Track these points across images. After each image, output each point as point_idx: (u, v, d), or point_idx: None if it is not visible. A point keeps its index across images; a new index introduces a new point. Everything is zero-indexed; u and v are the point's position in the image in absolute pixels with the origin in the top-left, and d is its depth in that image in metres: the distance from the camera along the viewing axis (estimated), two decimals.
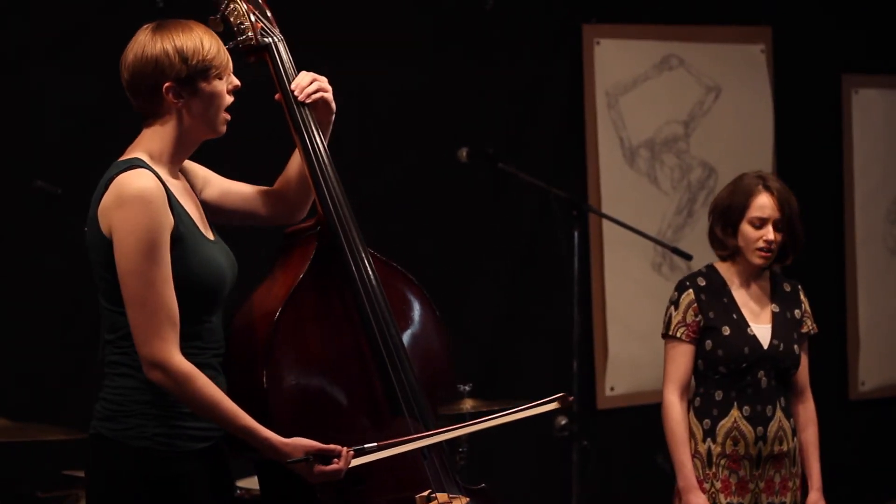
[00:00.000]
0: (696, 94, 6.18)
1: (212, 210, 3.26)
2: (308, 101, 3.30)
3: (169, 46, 3.03)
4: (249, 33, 3.25)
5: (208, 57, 3.06)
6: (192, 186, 3.23)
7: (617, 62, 6.01)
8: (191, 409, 3.00)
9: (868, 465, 6.55)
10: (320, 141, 3.31)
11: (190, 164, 3.26)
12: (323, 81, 3.33)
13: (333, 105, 3.35)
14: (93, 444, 3.07)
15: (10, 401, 4.67)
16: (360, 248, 3.28)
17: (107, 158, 3.14)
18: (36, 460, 4.77)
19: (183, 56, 3.04)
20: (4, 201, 4.89)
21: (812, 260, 6.39)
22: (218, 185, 3.30)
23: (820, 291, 6.40)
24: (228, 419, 3.00)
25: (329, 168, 3.30)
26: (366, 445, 3.08)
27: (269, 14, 3.32)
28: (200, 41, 3.06)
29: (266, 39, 3.29)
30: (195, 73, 3.05)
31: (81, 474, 4.31)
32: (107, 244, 2.98)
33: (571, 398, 3.32)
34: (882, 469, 6.56)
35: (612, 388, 5.96)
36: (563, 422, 5.09)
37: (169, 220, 2.99)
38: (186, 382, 2.95)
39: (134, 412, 3.02)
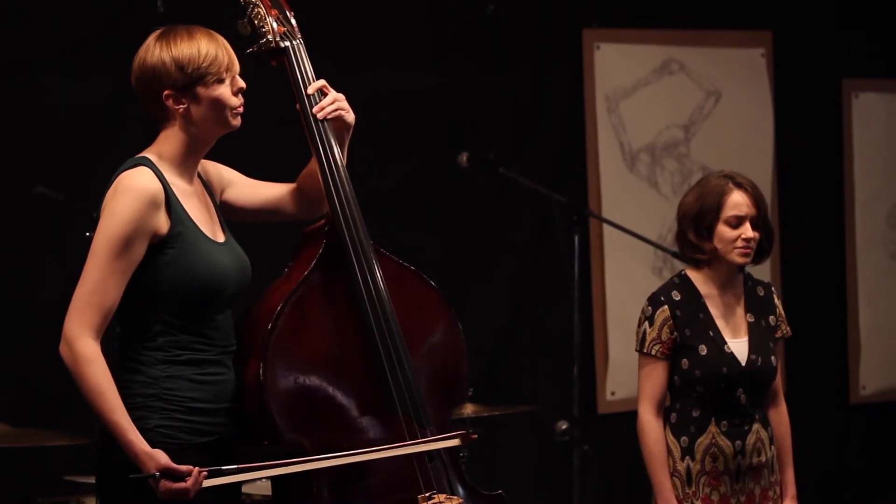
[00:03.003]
0: (696, 99, 6.18)
1: (235, 210, 3.37)
2: (328, 117, 3.37)
3: (166, 56, 3.13)
4: (269, 36, 3.36)
5: (204, 64, 3.13)
6: (212, 189, 3.31)
7: (617, 67, 6.01)
8: (81, 391, 3.05)
9: (869, 470, 6.55)
10: (333, 145, 3.37)
11: (213, 167, 3.35)
12: (341, 100, 3.40)
13: (351, 118, 3.41)
14: (101, 437, 3.13)
15: (11, 406, 4.67)
16: (366, 248, 3.34)
17: (109, 164, 3.20)
18: (37, 466, 4.77)
19: (179, 65, 3.12)
20: (6, 206, 4.89)
21: (813, 264, 6.42)
22: (241, 186, 3.40)
23: (821, 296, 6.43)
24: (104, 410, 3.02)
25: (340, 171, 3.36)
26: (223, 467, 3.04)
27: (292, 21, 3.42)
28: (198, 49, 3.14)
29: (285, 43, 3.38)
30: (192, 80, 3.14)
31: (83, 480, 4.33)
32: None
33: (474, 435, 3.29)
34: (883, 474, 6.56)
35: (612, 393, 5.96)
36: (564, 426, 5.08)
37: (154, 223, 3.07)
38: (82, 363, 3.02)
39: (138, 405, 3.09)
